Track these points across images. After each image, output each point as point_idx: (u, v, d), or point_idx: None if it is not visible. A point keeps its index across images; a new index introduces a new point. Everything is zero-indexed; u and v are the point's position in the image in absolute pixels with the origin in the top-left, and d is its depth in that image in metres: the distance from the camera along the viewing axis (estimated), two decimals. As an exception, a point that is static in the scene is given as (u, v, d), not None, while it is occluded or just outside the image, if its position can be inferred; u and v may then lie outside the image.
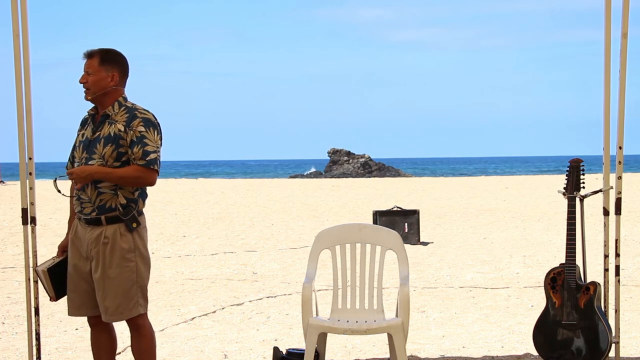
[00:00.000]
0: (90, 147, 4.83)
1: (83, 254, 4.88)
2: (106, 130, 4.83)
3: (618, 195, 5.65)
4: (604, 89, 5.64)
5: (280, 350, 6.08)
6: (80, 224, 4.89)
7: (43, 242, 13.15)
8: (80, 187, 4.81)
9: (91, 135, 4.87)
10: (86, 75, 4.87)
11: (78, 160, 4.87)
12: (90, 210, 4.81)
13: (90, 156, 4.82)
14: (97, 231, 4.82)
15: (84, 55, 4.92)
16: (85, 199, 4.82)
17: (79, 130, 4.99)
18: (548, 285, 5.79)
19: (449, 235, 14.30)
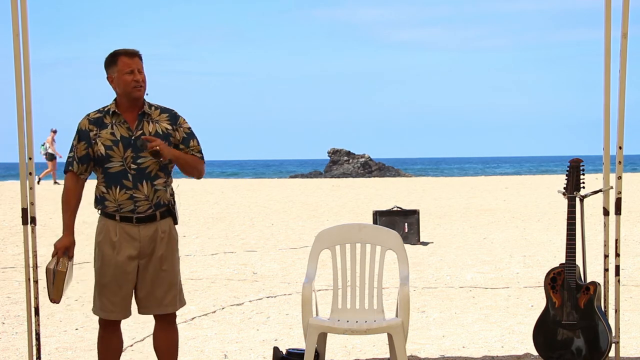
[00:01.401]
0: (136, 146, 4.90)
1: (132, 254, 4.92)
2: (151, 128, 4.96)
3: (618, 195, 5.65)
4: (604, 89, 5.64)
5: (280, 350, 6.09)
6: (123, 225, 4.92)
7: (43, 242, 13.14)
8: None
9: (130, 133, 4.92)
10: (139, 73, 4.94)
11: (120, 159, 4.88)
12: (146, 208, 4.91)
13: (138, 154, 4.90)
14: (152, 228, 4.94)
15: (132, 53, 4.95)
16: (140, 197, 4.90)
17: (97, 130, 4.93)
18: (548, 285, 5.79)
19: (449, 235, 14.30)
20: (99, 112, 4.99)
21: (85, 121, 4.97)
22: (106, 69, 5.00)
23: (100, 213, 5.03)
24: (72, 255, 5.09)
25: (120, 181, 4.88)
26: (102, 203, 4.96)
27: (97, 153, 4.91)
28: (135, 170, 4.90)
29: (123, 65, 4.91)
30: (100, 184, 4.96)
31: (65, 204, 5.02)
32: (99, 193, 4.97)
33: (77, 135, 4.97)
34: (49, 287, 5.02)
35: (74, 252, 5.16)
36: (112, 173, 4.90)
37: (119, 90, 4.96)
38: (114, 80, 4.95)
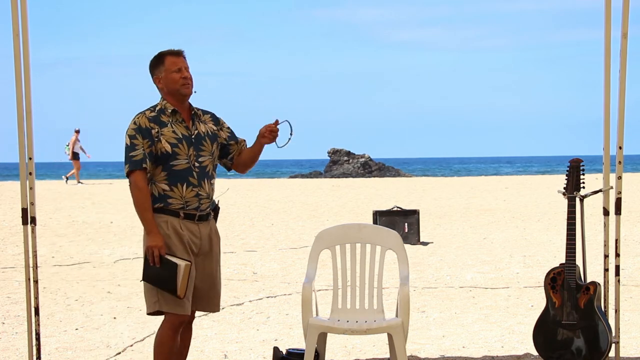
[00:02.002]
0: (197, 144, 4.98)
1: (194, 251, 4.96)
2: (202, 128, 5.05)
3: (618, 195, 5.65)
4: (604, 89, 5.64)
5: (280, 350, 6.09)
6: (185, 222, 4.93)
7: (43, 242, 13.15)
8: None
9: (189, 132, 4.98)
10: (186, 71, 5.00)
11: (186, 157, 4.92)
12: (207, 206, 5.00)
13: (199, 153, 4.98)
14: (208, 226, 5.04)
15: (177, 52, 5.01)
16: (204, 195, 4.99)
17: (158, 128, 4.91)
18: (548, 285, 5.79)
19: (449, 235, 14.30)
20: (152, 111, 4.98)
21: (145, 119, 4.93)
22: (152, 71, 5.04)
23: (156, 210, 4.93)
24: (165, 253, 4.90)
25: (186, 179, 4.92)
26: (164, 200, 4.92)
27: (162, 150, 4.89)
28: (199, 169, 4.97)
29: (170, 64, 4.97)
30: (162, 181, 4.93)
31: (144, 203, 4.89)
32: (160, 191, 4.93)
33: (137, 134, 4.89)
34: (175, 283, 4.82)
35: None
36: (178, 170, 4.92)
37: (167, 89, 4.99)
38: (162, 79, 4.99)
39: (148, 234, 4.87)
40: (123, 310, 8.38)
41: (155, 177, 4.95)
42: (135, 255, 12.27)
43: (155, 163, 4.92)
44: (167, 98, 5.02)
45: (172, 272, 4.81)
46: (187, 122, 5.01)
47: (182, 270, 4.80)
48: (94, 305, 8.69)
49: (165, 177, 4.93)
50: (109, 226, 15.55)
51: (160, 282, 4.84)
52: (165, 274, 4.82)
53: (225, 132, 5.17)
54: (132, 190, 4.91)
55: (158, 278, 4.84)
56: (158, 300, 4.90)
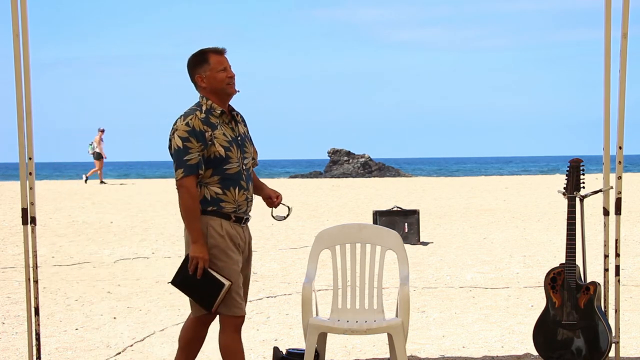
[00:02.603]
0: (242, 146, 4.92)
1: (240, 252, 4.93)
2: (240, 129, 4.98)
3: (618, 195, 5.65)
4: (604, 89, 5.64)
5: (280, 350, 6.09)
6: (234, 225, 4.87)
7: (43, 242, 13.15)
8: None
9: (234, 133, 4.91)
10: (230, 70, 4.91)
11: (237, 160, 4.86)
12: (251, 209, 4.98)
13: (244, 155, 4.93)
14: (247, 230, 5.00)
15: (221, 50, 4.90)
16: (250, 198, 4.96)
17: (210, 130, 4.79)
18: (548, 285, 5.79)
19: (449, 235, 14.30)
20: (200, 112, 4.83)
21: (198, 121, 4.77)
22: (194, 69, 4.88)
23: (206, 213, 4.82)
24: (208, 266, 4.78)
25: (238, 182, 4.85)
26: (217, 204, 4.81)
27: (215, 154, 4.77)
28: (246, 172, 4.92)
29: (216, 63, 4.84)
30: (214, 185, 4.80)
31: (195, 211, 4.77)
32: (212, 194, 4.81)
33: (191, 137, 4.73)
34: (213, 299, 4.75)
35: None
36: (231, 174, 4.83)
37: (211, 88, 4.85)
38: (205, 78, 4.85)
39: (194, 243, 4.74)
40: (123, 310, 8.38)
41: (207, 180, 4.81)
42: (135, 255, 12.27)
43: (206, 166, 4.78)
44: (209, 97, 4.87)
45: (214, 289, 4.72)
46: (231, 123, 4.92)
47: (225, 289, 4.72)
48: (94, 305, 8.69)
49: (217, 181, 4.81)
50: (109, 226, 15.55)
51: (196, 293, 4.76)
52: (207, 287, 4.72)
53: (249, 135, 5.11)
54: (184, 196, 4.76)
55: (195, 288, 4.75)
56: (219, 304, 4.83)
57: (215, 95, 4.87)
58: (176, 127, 4.78)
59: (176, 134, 4.76)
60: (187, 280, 4.78)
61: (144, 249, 12.80)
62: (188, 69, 4.92)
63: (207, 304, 4.77)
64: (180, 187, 4.77)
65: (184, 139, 4.74)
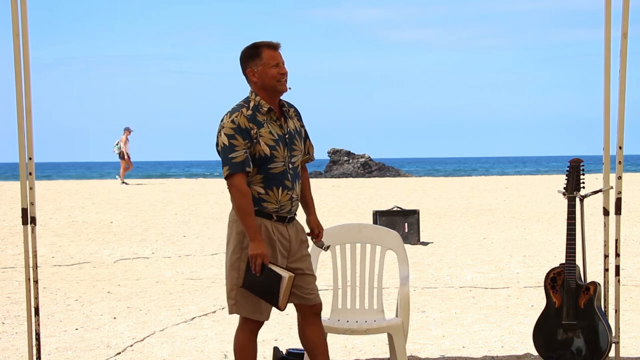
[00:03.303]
0: (290, 144, 4.79)
1: (284, 254, 4.82)
2: (291, 125, 4.84)
3: (618, 195, 5.65)
4: (604, 89, 5.64)
5: (280, 350, 6.09)
6: (276, 224, 4.78)
7: (43, 242, 13.15)
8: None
9: (282, 131, 4.79)
10: (283, 66, 4.80)
11: (282, 159, 4.75)
12: (296, 208, 4.86)
13: (291, 153, 4.80)
14: (294, 227, 4.87)
15: (275, 45, 4.79)
16: (295, 197, 4.83)
17: (256, 128, 4.69)
18: (548, 285, 5.79)
19: (449, 235, 14.30)
20: (247, 108, 4.74)
21: (244, 119, 4.68)
22: (246, 62, 4.78)
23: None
24: (268, 262, 4.72)
25: (282, 182, 4.74)
26: (259, 204, 4.73)
27: (260, 153, 4.68)
28: (292, 170, 4.80)
29: (269, 58, 4.74)
30: (257, 184, 4.73)
31: (248, 208, 4.68)
32: (255, 193, 4.72)
33: (237, 134, 4.65)
34: (277, 296, 4.69)
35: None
36: (275, 174, 4.73)
37: (262, 84, 4.76)
38: (257, 73, 4.75)
39: (251, 241, 4.66)
40: (123, 310, 8.38)
41: (250, 179, 4.74)
42: (135, 255, 12.28)
43: (253, 165, 4.71)
44: (258, 92, 4.77)
45: (275, 283, 4.65)
46: (280, 120, 4.79)
47: (286, 283, 4.64)
48: (94, 305, 8.69)
49: (261, 180, 4.73)
50: (109, 226, 15.55)
51: (262, 291, 4.69)
52: (268, 283, 4.66)
53: (303, 131, 4.94)
54: (234, 194, 4.70)
55: (260, 287, 4.68)
56: (236, 304, 4.78)
57: (265, 91, 4.77)
58: (222, 124, 4.71)
59: (222, 132, 4.69)
60: (253, 281, 4.70)
61: (144, 249, 12.80)
62: (240, 62, 4.82)
63: (274, 300, 4.69)
64: (231, 187, 4.70)
65: (229, 137, 4.66)
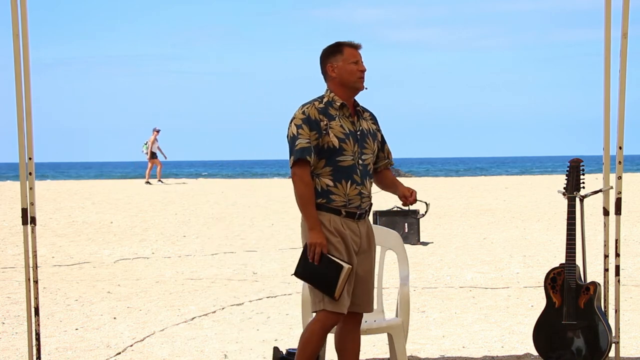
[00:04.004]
0: (361, 141, 4.82)
1: (355, 250, 4.80)
2: (364, 125, 4.88)
3: (618, 195, 5.65)
4: (604, 89, 5.64)
5: (280, 350, 6.09)
6: (346, 220, 4.76)
7: (43, 242, 13.15)
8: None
9: (354, 127, 4.82)
10: (363, 65, 4.86)
11: (351, 154, 4.77)
12: (367, 204, 4.85)
13: (362, 150, 4.82)
14: (365, 224, 4.86)
15: (356, 45, 4.87)
16: (365, 194, 4.81)
17: (327, 120, 4.75)
18: (548, 285, 5.79)
19: (449, 235, 14.30)
20: (319, 102, 4.82)
21: (314, 110, 4.75)
22: (327, 58, 4.87)
23: (318, 207, 4.76)
24: (327, 251, 4.72)
25: (351, 176, 4.76)
26: (327, 196, 4.75)
27: (329, 144, 4.72)
28: (362, 167, 4.82)
29: (349, 55, 4.83)
30: (326, 176, 4.75)
31: (309, 197, 4.72)
32: (323, 186, 4.75)
33: (304, 124, 4.72)
34: (333, 285, 4.64)
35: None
36: (343, 167, 4.76)
37: (340, 80, 4.83)
38: (336, 68, 4.83)
39: (310, 230, 4.70)
40: (123, 310, 8.38)
41: (319, 171, 4.77)
42: (135, 255, 12.28)
43: (319, 156, 4.74)
44: (335, 89, 4.84)
45: (334, 273, 4.64)
46: (353, 117, 4.85)
47: (344, 273, 4.63)
48: (94, 305, 8.69)
49: (329, 173, 4.76)
50: (109, 226, 15.55)
51: (318, 280, 4.68)
52: (326, 273, 4.65)
53: (379, 136, 4.99)
54: (296, 183, 4.75)
55: (316, 276, 4.68)
56: (322, 300, 4.72)
57: (342, 87, 4.84)
58: (294, 115, 4.79)
59: (292, 122, 4.77)
60: (308, 269, 4.71)
61: (144, 249, 12.80)
62: (321, 58, 4.90)
63: (330, 290, 4.66)
64: (293, 175, 4.74)
65: (297, 126, 4.73)
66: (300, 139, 4.72)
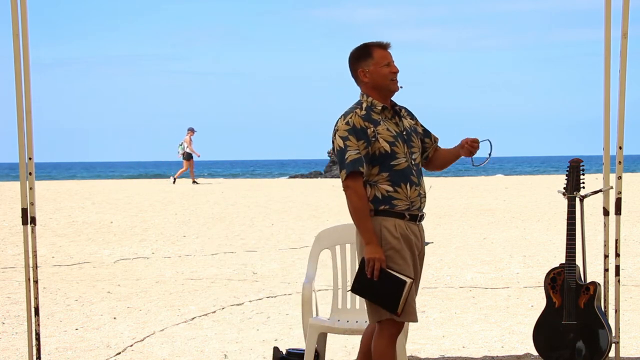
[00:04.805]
0: (408, 141, 4.72)
1: (416, 255, 4.70)
2: (405, 123, 4.78)
3: (618, 195, 5.65)
4: (604, 89, 5.64)
5: (280, 350, 6.09)
6: (409, 224, 4.66)
7: (43, 242, 13.15)
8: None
9: (398, 128, 4.73)
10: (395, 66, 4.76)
11: (404, 155, 4.66)
12: (425, 205, 4.76)
13: (411, 150, 4.72)
14: (421, 228, 4.77)
15: (385, 45, 4.75)
16: (423, 194, 4.73)
17: (372, 127, 4.63)
18: (548, 285, 5.79)
19: (449, 235, 14.30)
20: (360, 109, 4.69)
21: (358, 118, 4.63)
22: (356, 62, 4.76)
23: (379, 213, 4.63)
24: (385, 266, 4.57)
25: (408, 178, 4.65)
26: (389, 202, 4.61)
27: (380, 150, 4.60)
28: (415, 167, 4.72)
29: (380, 58, 4.71)
30: (384, 182, 4.62)
31: (364, 211, 4.58)
32: (383, 192, 4.61)
33: (351, 135, 4.59)
34: (391, 300, 4.51)
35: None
36: (399, 170, 4.64)
37: (373, 84, 4.72)
38: (368, 73, 4.72)
39: (367, 244, 4.56)
40: (123, 310, 8.38)
41: (375, 179, 4.64)
42: (135, 255, 12.28)
43: (372, 163, 4.61)
44: (371, 93, 4.73)
45: (394, 288, 4.50)
46: (395, 118, 4.75)
47: (407, 287, 4.50)
48: (94, 305, 8.69)
49: (387, 178, 4.63)
50: (109, 226, 15.55)
51: (378, 296, 4.53)
52: (386, 288, 4.51)
53: (420, 127, 4.90)
54: (350, 196, 4.60)
55: (376, 292, 4.52)
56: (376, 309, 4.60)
57: (376, 90, 4.73)
58: (337, 127, 4.67)
59: (337, 135, 4.65)
60: (366, 285, 4.57)
61: (144, 249, 12.80)
62: (349, 62, 4.79)
63: (392, 306, 4.53)
64: (347, 189, 4.59)
65: (344, 138, 4.61)
66: (349, 150, 4.58)
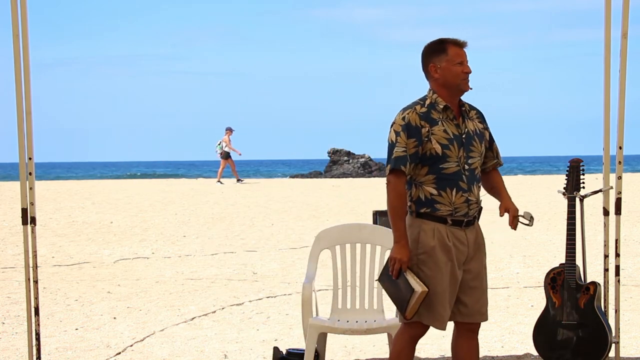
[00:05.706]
0: (467, 145, 4.58)
1: (460, 259, 4.59)
2: (471, 125, 4.64)
3: (618, 195, 5.65)
4: (604, 89, 5.64)
5: (280, 350, 6.09)
6: (452, 229, 4.56)
7: (43, 242, 13.15)
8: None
9: (459, 131, 4.58)
10: (469, 66, 4.65)
11: (456, 159, 4.54)
12: (475, 211, 4.63)
13: (469, 154, 4.59)
14: (474, 231, 4.65)
15: (462, 43, 4.64)
16: (473, 200, 4.58)
17: (428, 126, 4.52)
18: (548, 285, 5.79)
19: (449, 235, 14.29)
20: (421, 105, 4.57)
21: (415, 116, 4.51)
22: (429, 57, 4.62)
23: (420, 216, 4.57)
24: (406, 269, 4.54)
25: (456, 183, 4.53)
26: (432, 205, 4.53)
27: (431, 152, 4.50)
28: (468, 172, 4.58)
29: (454, 55, 4.59)
30: (429, 184, 4.53)
31: (400, 210, 4.52)
32: (427, 194, 4.53)
33: (403, 132, 4.50)
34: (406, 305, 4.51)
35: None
36: (447, 174, 4.52)
37: (443, 81, 4.59)
38: (439, 69, 4.59)
39: (395, 243, 4.52)
40: (123, 310, 8.38)
41: (421, 179, 4.55)
42: (135, 255, 12.27)
43: (421, 163, 4.53)
44: (439, 90, 4.60)
45: (406, 293, 4.48)
46: (458, 119, 4.60)
47: (417, 297, 4.45)
48: (94, 305, 8.69)
49: (433, 181, 4.53)
50: (109, 226, 15.55)
51: (394, 295, 4.56)
52: (400, 290, 4.51)
53: (488, 134, 4.75)
54: (390, 192, 4.54)
55: (392, 290, 4.56)
56: (417, 311, 4.54)
57: (446, 88, 4.61)
58: (394, 120, 4.58)
59: (392, 128, 4.57)
60: (387, 281, 4.59)
61: (144, 249, 12.80)
62: (422, 56, 4.66)
63: (402, 308, 4.55)
64: (388, 184, 4.54)
65: (397, 133, 4.53)
66: (397, 147, 4.51)
